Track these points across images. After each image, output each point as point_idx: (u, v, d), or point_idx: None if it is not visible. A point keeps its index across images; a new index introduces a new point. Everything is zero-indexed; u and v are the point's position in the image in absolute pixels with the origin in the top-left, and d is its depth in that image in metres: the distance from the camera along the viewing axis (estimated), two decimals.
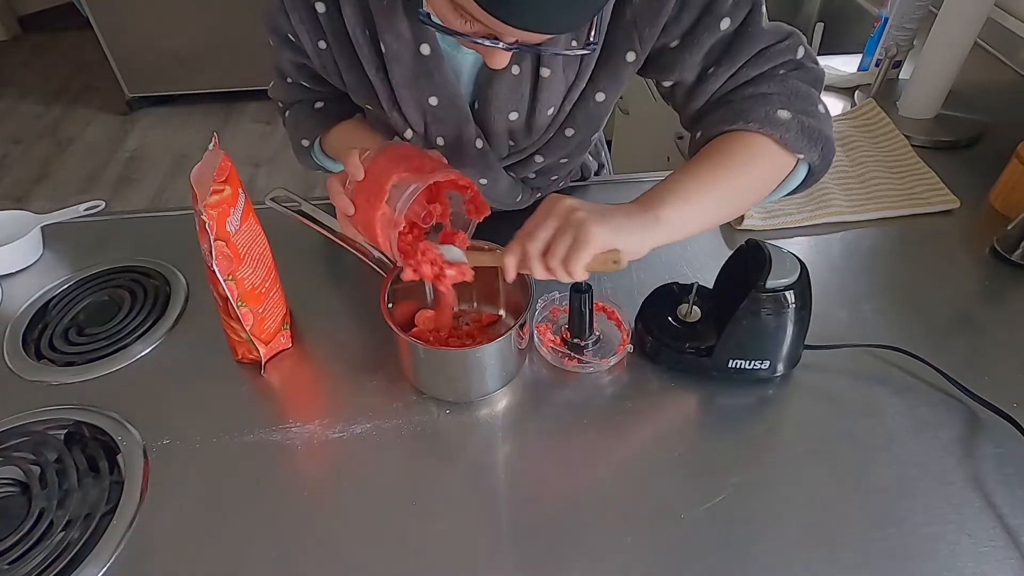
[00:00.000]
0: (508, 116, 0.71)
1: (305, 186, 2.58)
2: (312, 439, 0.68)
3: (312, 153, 0.83)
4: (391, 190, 0.60)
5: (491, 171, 0.78)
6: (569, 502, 0.63)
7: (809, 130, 0.63)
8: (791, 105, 0.63)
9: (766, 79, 0.66)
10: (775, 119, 0.62)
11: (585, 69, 0.68)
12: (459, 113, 0.71)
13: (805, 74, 0.66)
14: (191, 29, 2.83)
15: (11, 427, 0.69)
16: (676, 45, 0.66)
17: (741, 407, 0.71)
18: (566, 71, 0.68)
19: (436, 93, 0.69)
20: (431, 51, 0.66)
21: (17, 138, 2.94)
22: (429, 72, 0.67)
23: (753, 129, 0.63)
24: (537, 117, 0.71)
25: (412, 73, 0.68)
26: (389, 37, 0.65)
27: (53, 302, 0.84)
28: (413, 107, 0.71)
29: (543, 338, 0.75)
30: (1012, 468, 0.64)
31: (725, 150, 0.64)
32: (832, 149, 0.66)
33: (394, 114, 0.72)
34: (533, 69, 0.67)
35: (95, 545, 0.60)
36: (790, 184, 0.68)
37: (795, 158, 0.65)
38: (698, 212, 0.62)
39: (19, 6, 3.74)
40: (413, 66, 0.67)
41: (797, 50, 0.66)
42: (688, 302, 0.73)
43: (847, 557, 0.58)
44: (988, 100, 1.15)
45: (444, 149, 0.75)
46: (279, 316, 0.76)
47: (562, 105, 0.72)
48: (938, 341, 0.76)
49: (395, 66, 0.67)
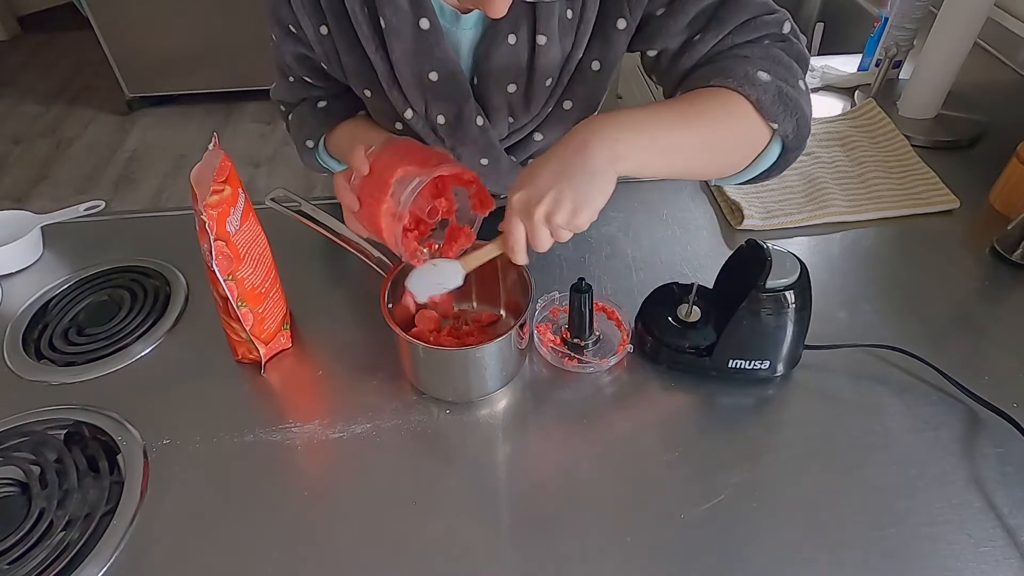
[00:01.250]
0: (507, 88, 0.72)
1: (305, 185, 2.58)
2: (312, 439, 0.68)
3: (316, 154, 0.83)
4: (395, 184, 0.60)
5: (492, 150, 0.78)
6: (569, 502, 0.63)
7: (786, 98, 0.61)
8: (772, 70, 0.62)
9: (750, 46, 0.65)
10: (754, 78, 0.61)
11: (581, 37, 0.69)
12: (459, 88, 0.72)
13: (790, 47, 0.65)
14: (191, 29, 2.83)
15: (11, 427, 0.69)
16: (662, 12, 0.66)
17: (741, 407, 0.71)
18: (562, 40, 0.69)
19: (436, 68, 0.70)
20: (430, 25, 0.67)
21: (17, 138, 2.94)
22: (429, 47, 0.68)
23: (730, 85, 0.61)
24: (535, 87, 0.72)
25: (412, 48, 0.68)
26: (388, 11, 0.65)
27: (53, 302, 0.84)
28: (413, 83, 0.71)
29: (543, 338, 0.75)
30: (1012, 468, 0.64)
31: (697, 98, 0.62)
32: (808, 127, 0.64)
33: (394, 92, 0.72)
34: (529, 37, 0.68)
35: (95, 545, 0.60)
36: (763, 162, 0.66)
37: (769, 129, 0.63)
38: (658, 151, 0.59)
39: (19, 6, 3.75)
40: (413, 40, 0.68)
41: (783, 24, 0.66)
42: (688, 302, 0.73)
43: (847, 557, 0.58)
44: (988, 100, 1.15)
45: (444, 128, 0.76)
46: (279, 316, 0.76)
47: (560, 75, 0.72)
48: (938, 341, 0.76)
49: (395, 41, 0.67)
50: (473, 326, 0.78)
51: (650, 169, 0.59)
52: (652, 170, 0.59)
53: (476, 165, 0.79)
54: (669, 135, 0.59)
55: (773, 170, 0.67)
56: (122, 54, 2.88)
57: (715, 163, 0.65)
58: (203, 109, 3.08)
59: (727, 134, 0.63)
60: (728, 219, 0.94)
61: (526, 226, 0.56)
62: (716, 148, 0.63)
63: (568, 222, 0.55)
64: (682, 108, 0.61)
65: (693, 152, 0.62)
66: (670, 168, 0.61)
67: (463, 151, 0.78)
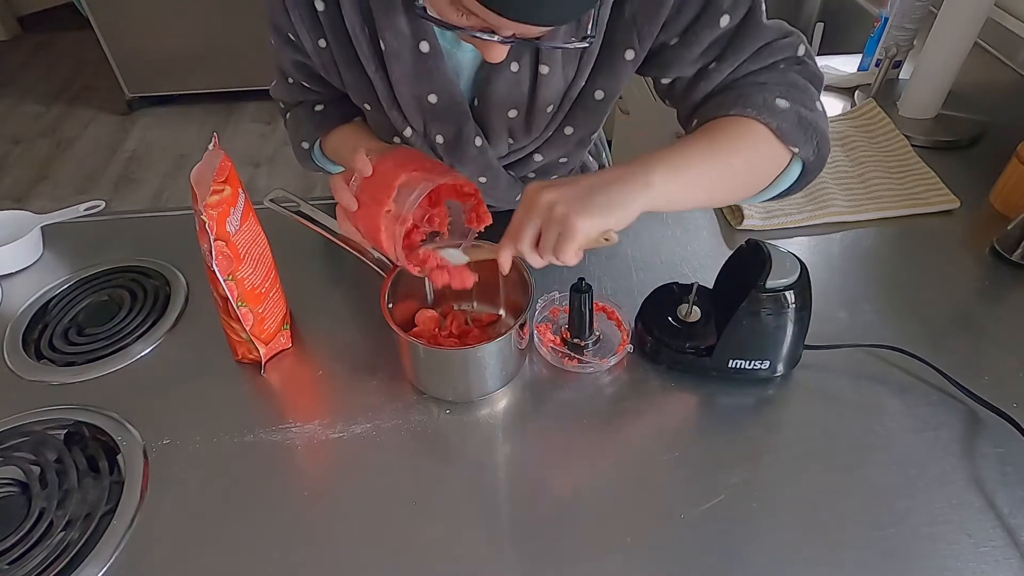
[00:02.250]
0: (507, 113, 0.71)
1: (305, 185, 2.58)
2: (312, 439, 0.68)
3: (312, 156, 0.83)
4: (399, 188, 0.60)
5: (490, 169, 0.78)
6: (569, 502, 0.63)
7: (805, 122, 0.63)
8: (789, 95, 0.63)
9: (766, 72, 0.65)
10: (773, 107, 0.62)
11: (584, 66, 0.68)
12: (458, 111, 0.71)
13: (805, 69, 0.66)
14: (191, 29, 2.83)
15: (11, 427, 0.69)
16: (675, 43, 0.66)
17: (741, 407, 0.71)
18: (565, 68, 0.68)
19: (435, 91, 0.69)
20: (430, 48, 0.66)
21: (17, 138, 2.94)
22: (428, 70, 0.67)
23: (751, 115, 0.62)
24: (536, 115, 0.71)
25: (411, 71, 0.68)
26: (388, 34, 0.65)
27: (53, 302, 0.84)
28: (412, 105, 0.71)
29: (543, 338, 0.75)
30: (1012, 468, 0.64)
31: (720, 130, 0.63)
32: (827, 146, 0.65)
33: (393, 112, 0.72)
34: (532, 66, 0.67)
35: (95, 545, 0.60)
36: (783, 183, 0.67)
37: (789, 152, 0.64)
38: (688, 184, 0.60)
39: (19, 6, 3.75)
40: (412, 63, 0.67)
41: (798, 47, 0.66)
42: (688, 302, 0.73)
43: (847, 557, 0.58)
44: (988, 100, 1.15)
45: (443, 147, 0.75)
46: (279, 316, 0.76)
47: (561, 103, 0.72)
48: (938, 341, 0.76)
49: (394, 63, 0.67)
50: (473, 326, 0.78)
51: (677, 204, 0.60)
52: (679, 205, 0.60)
53: (475, 181, 0.78)
54: (699, 172, 0.60)
55: (794, 188, 0.68)
56: (122, 54, 2.88)
57: (737, 191, 0.66)
58: (203, 109, 3.07)
59: (749, 164, 0.64)
60: (728, 219, 0.94)
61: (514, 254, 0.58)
62: (738, 177, 0.64)
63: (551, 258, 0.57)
64: (707, 144, 0.62)
65: (717, 185, 0.63)
66: (695, 201, 0.62)
67: (462, 169, 0.77)
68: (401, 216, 0.60)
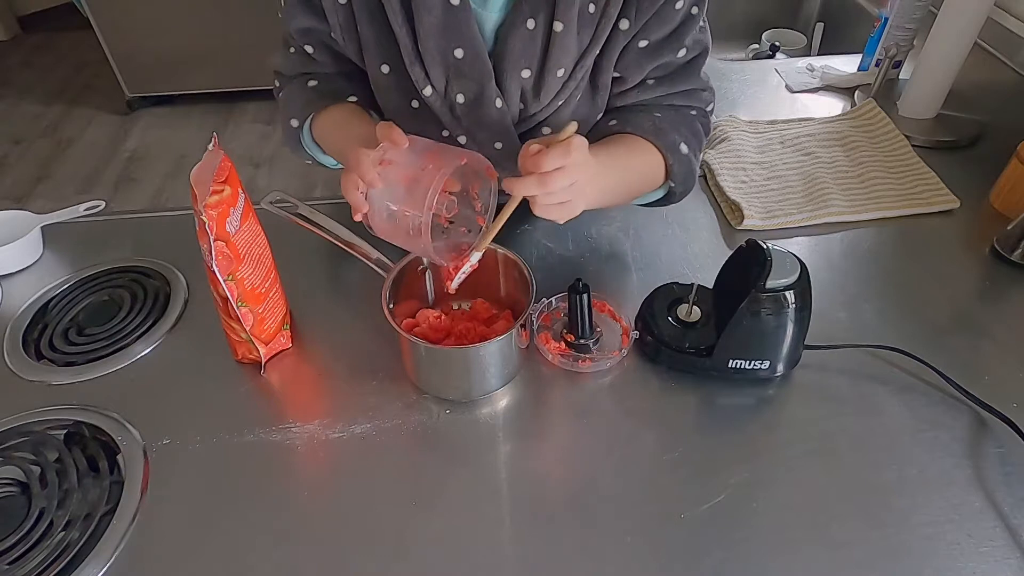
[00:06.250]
0: (521, 72, 0.73)
1: (306, 185, 2.58)
2: (312, 439, 0.68)
3: (300, 135, 0.82)
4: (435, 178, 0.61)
5: (507, 135, 0.79)
6: (569, 502, 0.63)
7: (690, 168, 0.78)
8: (690, 143, 0.77)
9: (683, 110, 0.80)
10: (676, 150, 0.76)
11: (600, 34, 0.71)
12: (483, 68, 0.72)
13: (707, 123, 0.82)
14: (191, 29, 2.83)
15: (11, 427, 0.69)
16: (644, 45, 0.73)
17: (741, 407, 0.71)
18: (580, 32, 0.70)
19: (462, 45, 0.70)
20: (460, 2, 0.68)
21: (17, 138, 2.94)
22: (457, 23, 0.69)
23: (659, 148, 0.76)
24: (547, 76, 0.73)
25: (440, 22, 0.69)
26: None
27: (53, 302, 0.84)
28: (437, 60, 0.72)
29: (543, 337, 0.75)
30: (1012, 468, 0.64)
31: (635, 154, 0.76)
32: (691, 188, 0.81)
33: (415, 68, 0.73)
34: (547, 23, 0.70)
35: (95, 545, 0.60)
36: (647, 198, 0.82)
37: (669, 184, 0.79)
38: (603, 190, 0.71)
39: (19, 6, 3.74)
40: (442, 15, 0.69)
41: (709, 104, 0.82)
42: (688, 302, 0.73)
43: (847, 557, 0.58)
44: (988, 100, 1.15)
45: (463, 107, 0.76)
46: (279, 316, 0.76)
47: (573, 70, 0.74)
48: (938, 341, 0.76)
49: (424, 14, 0.68)
50: (473, 322, 0.78)
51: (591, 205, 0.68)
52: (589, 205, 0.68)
53: (490, 149, 0.79)
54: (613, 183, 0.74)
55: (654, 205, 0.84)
56: (122, 54, 2.88)
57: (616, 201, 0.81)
58: (203, 109, 3.07)
59: (639, 184, 0.79)
60: (728, 219, 0.94)
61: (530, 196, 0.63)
62: (628, 192, 0.79)
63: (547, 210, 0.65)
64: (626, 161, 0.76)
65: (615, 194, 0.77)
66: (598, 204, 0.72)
67: (479, 134, 0.79)
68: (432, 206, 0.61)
